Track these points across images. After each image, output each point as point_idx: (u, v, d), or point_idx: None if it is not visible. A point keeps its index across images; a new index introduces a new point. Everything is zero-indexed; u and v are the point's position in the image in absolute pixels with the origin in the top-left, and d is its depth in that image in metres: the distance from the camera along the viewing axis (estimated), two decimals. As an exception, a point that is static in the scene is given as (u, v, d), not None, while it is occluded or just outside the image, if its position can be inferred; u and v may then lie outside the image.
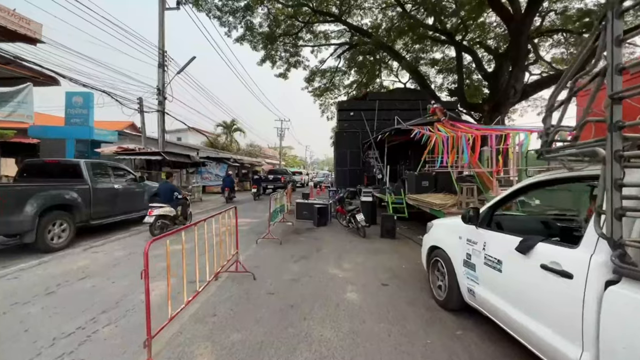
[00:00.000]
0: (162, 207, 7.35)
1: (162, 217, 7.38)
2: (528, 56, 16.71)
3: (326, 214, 9.39)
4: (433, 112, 9.90)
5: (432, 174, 8.02)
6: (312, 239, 7.59)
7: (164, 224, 7.43)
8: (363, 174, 13.38)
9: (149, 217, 7.14)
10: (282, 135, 40.18)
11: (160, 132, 14.14)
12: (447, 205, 6.45)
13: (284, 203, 8.90)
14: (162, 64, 13.86)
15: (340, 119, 13.95)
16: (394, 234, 7.67)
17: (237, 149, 30.52)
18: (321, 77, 26.58)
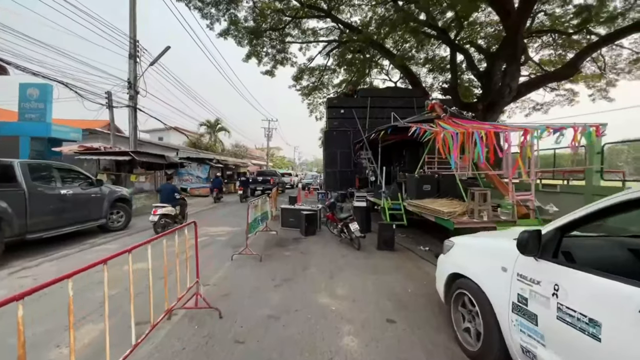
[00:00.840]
0: (164, 207, 8.04)
1: (165, 216, 8.03)
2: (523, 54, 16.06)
3: (315, 221, 8.29)
4: (431, 109, 8.95)
5: (435, 176, 7.05)
6: (298, 252, 6.46)
7: (167, 222, 8.10)
8: (354, 176, 12.35)
9: (153, 216, 7.81)
10: (270, 136, 38.81)
11: (131, 129, 12.71)
12: (456, 214, 5.45)
13: (267, 210, 7.76)
14: (133, 55, 12.45)
15: (330, 117, 12.90)
16: (392, 245, 6.64)
17: (221, 149, 29.02)
18: (309, 75, 25.53)
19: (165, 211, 8.00)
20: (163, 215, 7.96)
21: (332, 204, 7.71)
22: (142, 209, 11.70)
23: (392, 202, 7.81)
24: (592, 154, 7.84)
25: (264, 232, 7.97)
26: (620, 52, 18.69)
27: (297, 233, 8.32)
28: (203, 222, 9.98)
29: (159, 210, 7.89)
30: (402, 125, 8.02)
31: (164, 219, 8.00)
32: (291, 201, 12.36)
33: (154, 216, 7.80)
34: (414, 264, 5.78)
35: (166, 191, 8.61)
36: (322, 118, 28.28)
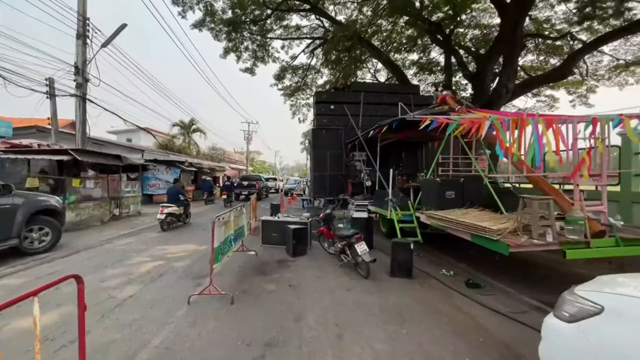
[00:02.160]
0: (170, 207, 8.84)
1: (171, 214, 8.78)
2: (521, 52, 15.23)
3: (305, 237, 6.49)
4: (442, 101, 7.50)
5: (460, 180, 5.50)
6: (286, 285, 4.62)
7: (172, 220, 8.93)
8: (347, 180, 10.69)
9: (160, 215, 8.57)
10: (250, 139, 36.56)
11: (79, 124, 10.36)
12: (506, 231, 3.86)
13: (244, 224, 5.88)
14: (82, 34, 10.18)
15: (319, 113, 11.20)
16: (410, 271, 4.97)
17: (196, 151, 26.49)
18: (292, 74, 23.85)
19: (171, 210, 8.88)
20: (169, 214, 8.82)
21: (327, 215, 5.95)
22: (89, 220, 9.38)
23: (402, 214, 6.17)
24: (629, 154, 6.65)
25: (240, 253, 6.07)
26: (601, 59, 18.55)
27: (282, 252, 6.48)
28: (163, 238, 7.88)
29: (165, 210, 8.75)
30: (411, 119, 6.44)
31: (169, 217, 8.86)
32: (273, 210, 10.47)
33: (161, 215, 8.63)
34: (447, 301, 4.13)
35: (172, 193, 9.61)
36: (305, 120, 26.62)
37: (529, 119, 3.85)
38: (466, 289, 4.62)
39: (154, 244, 7.30)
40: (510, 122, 3.87)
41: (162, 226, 8.64)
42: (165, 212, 8.69)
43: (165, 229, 8.66)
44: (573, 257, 3.68)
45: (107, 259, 5.90)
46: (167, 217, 8.71)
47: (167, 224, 8.70)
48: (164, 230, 8.68)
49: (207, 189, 16.97)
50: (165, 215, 8.65)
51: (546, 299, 4.13)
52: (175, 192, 9.62)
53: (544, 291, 4.45)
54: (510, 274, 5.13)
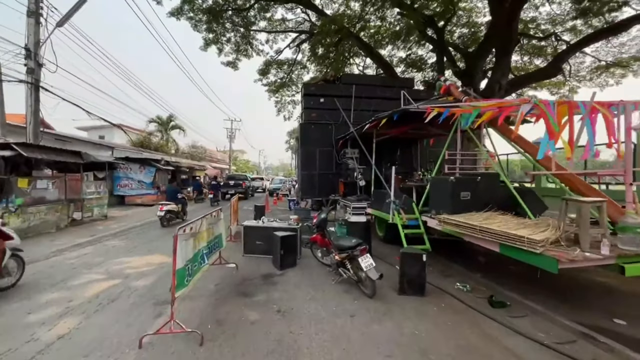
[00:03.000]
0: (169, 204, 9.41)
1: (170, 212, 9.31)
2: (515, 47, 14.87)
3: (295, 246, 5.52)
4: (445, 92, 6.74)
5: (477, 179, 4.72)
6: (273, 312, 3.65)
7: (171, 216, 9.40)
8: (338, 179, 9.79)
9: (160, 212, 9.11)
10: (233, 137, 34.95)
11: (29, 115, 8.89)
12: (545, 241, 3.07)
13: (221, 232, 4.85)
14: (35, 11, 8.72)
15: (307, 107, 10.23)
16: (423, 288, 4.12)
17: (175, 149, 24.80)
18: (277, 69, 22.73)
19: (170, 208, 9.28)
20: (168, 211, 9.18)
21: (322, 221, 5.00)
22: (40, 227, 7.98)
23: (407, 218, 5.33)
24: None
25: (217, 267, 5.03)
26: (583, 60, 18.66)
27: (267, 264, 5.48)
28: (127, 247, 6.67)
29: (164, 207, 9.15)
30: (415, 110, 5.63)
31: (169, 214, 9.21)
32: (257, 212, 9.43)
33: (161, 212, 9.04)
34: (474, 327, 3.31)
35: (170, 191, 10.13)
36: (290, 117, 25.55)
37: (578, 104, 3.08)
38: (491, 308, 3.83)
39: (113, 255, 6.10)
40: (556, 106, 3.10)
41: (162, 222, 9.15)
42: (165, 210, 9.12)
43: (165, 225, 9.13)
44: (633, 273, 2.94)
45: (48, 278, 4.70)
46: (166, 214, 9.13)
47: (166, 221, 9.16)
48: (164, 226, 9.13)
49: (196, 188, 17.58)
50: (164, 212, 9.08)
51: (590, 322, 3.39)
52: (174, 191, 10.17)
53: (583, 310, 3.72)
54: (535, 287, 4.40)
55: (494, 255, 3.81)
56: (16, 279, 4.22)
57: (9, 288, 4.06)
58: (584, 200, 3.06)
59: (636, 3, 11.61)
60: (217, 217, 4.85)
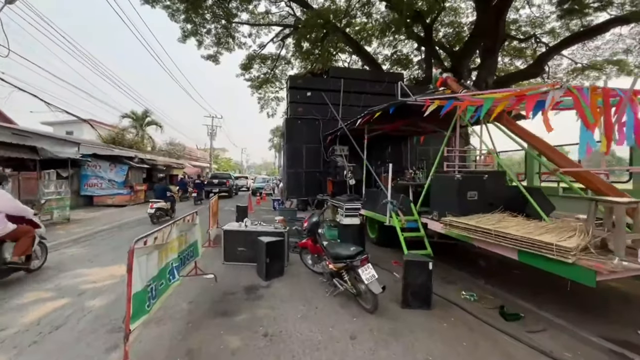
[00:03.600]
0: (159, 202, 9.55)
1: (159, 209, 9.44)
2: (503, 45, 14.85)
3: (282, 253, 4.89)
4: (442, 84, 6.34)
5: (484, 177, 4.29)
6: (258, 337, 3.03)
7: (161, 214, 9.50)
8: (326, 178, 9.23)
9: (150, 210, 9.27)
10: (213, 134, 33.56)
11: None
12: (576, 248, 2.66)
13: (195, 239, 4.16)
14: (-22, -14, 7.55)
15: (293, 101, 9.58)
16: (429, 299, 3.65)
17: (151, 147, 23.32)
18: (261, 64, 21.85)
19: (160, 205, 9.40)
20: (158, 208, 9.31)
21: (313, 225, 4.41)
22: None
23: (406, 219, 4.85)
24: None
25: (193, 279, 4.33)
26: (560, 62, 19.16)
27: (251, 273, 4.84)
28: (89, 255, 5.79)
29: (154, 205, 9.29)
30: (413, 103, 5.16)
31: (159, 212, 9.34)
32: (240, 213, 8.70)
33: (151, 209, 9.18)
34: (493, 347, 2.86)
35: (160, 190, 10.21)
36: (274, 115, 24.73)
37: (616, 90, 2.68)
38: (504, 321, 3.41)
39: (70, 265, 5.24)
40: (590, 93, 2.68)
41: (152, 220, 9.23)
42: (155, 207, 9.28)
43: (154, 222, 9.14)
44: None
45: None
46: (156, 211, 9.27)
47: (156, 218, 9.25)
48: (154, 223, 9.11)
49: (181, 187, 17.56)
50: (154, 209, 9.24)
51: (615, 336, 3.02)
52: (163, 189, 10.33)
53: (605, 322, 3.36)
54: (546, 294, 4.03)
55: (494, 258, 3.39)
56: (42, 263, 4.97)
57: (37, 269, 4.82)
58: (619, 201, 2.67)
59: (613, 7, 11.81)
60: (192, 222, 4.15)
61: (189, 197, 17.49)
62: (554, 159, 3.97)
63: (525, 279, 4.71)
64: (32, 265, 4.66)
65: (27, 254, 4.41)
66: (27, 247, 4.36)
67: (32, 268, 4.64)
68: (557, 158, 3.94)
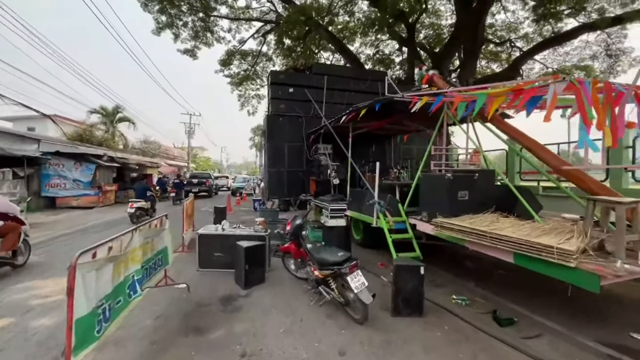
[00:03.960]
0: (139, 202, 9.46)
1: (140, 209, 9.33)
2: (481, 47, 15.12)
3: (262, 258, 4.51)
4: (428, 82, 6.19)
5: (475, 176, 4.13)
6: (235, 357, 2.66)
7: (141, 213, 9.36)
8: (309, 177, 8.90)
9: (130, 209, 9.13)
10: (191, 132, 32.26)
11: None
12: (577, 251, 2.50)
13: (165, 246, 3.71)
14: None
15: (275, 97, 9.16)
16: (421, 305, 3.42)
17: (123, 144, 21.97)
18: (241, 60, 21.15)
19: (140, 205, 9.35)
20: (138, 208, 9.24)
21: (297, 228, 4.07)
22: None
23: (394, 220, 4.62)
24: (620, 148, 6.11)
25: (162, 290, 3.87)
26: (533, 67, 19.93)
27: (228, 280, 4.43)
28: (41, 267, 5.12)
29: (135, 204, 9.23)
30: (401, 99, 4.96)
31: (139, 211, 9.25)
32: (218, 215, 8.19)
33: (131, 209, 9.13)
34: (492, 357, 2.65)
35: (140, 189, 10.21)
36: (255, 113, 24.08)
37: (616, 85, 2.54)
38: (499, 327, 3.24)
39: (21, 277, 4.59)
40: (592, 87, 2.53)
41: (131, 219, 9.08)
42: (135, 207, 9.18)
43: (134, 222, 8.86)
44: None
45: None
46: (136, 211, 9.17)
47: (136, 217, 9.11)
48: (134, 222, 8.86)
49: (161, 186, 17.28)
50: (134, 209, 9.13)
51: (614, 340, 2.92)
52: (144, 188, 10.30)
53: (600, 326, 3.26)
54: (536, 296, 3.93)
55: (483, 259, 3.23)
56: (25, 259, 5.01)
57: (21, 266, 4.88)
58: (620, 201, 2.55)
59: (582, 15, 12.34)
60: (160, 226, 3.69)
61: (168, 197, 16.95)
62: (545, 157, 3.87)
63: (514, 280, 4.62)
64: (18, 260, 4.77)
65: (13, 249, 4.59)
66: (14, 243, 4.50)
67: (17, 263, 4.76)
68: (549, 157, 3.85)
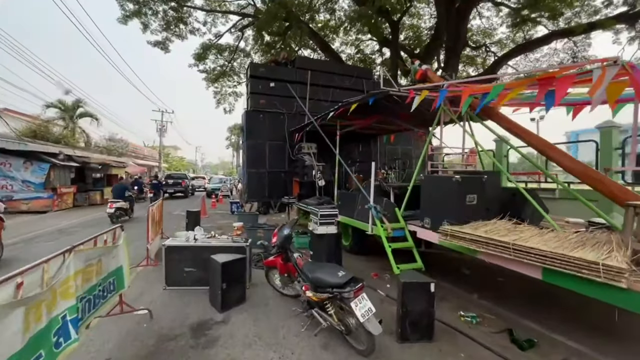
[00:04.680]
0: (118, 202, 9.46)
1: (119, 209, 9.40)
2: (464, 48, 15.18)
3: (242, 275, 3.81)
4: (422, 77, 5.79)
5: (483, 179, 3.70)
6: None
7: (121, 213, 9.46)
8: (292, 178, 8.26)
9: (109, 209, 9.16)
10: (164, 130, 30.31)
11: None
12: (630, 268, 2.09)
13: (120, 265, 2.94)
14: None
15: (254, 92, 8.40)
16: (431, 329, 2.93)
17: (86, 142, 19.99)
18: (217, 55, 19.99)
19: (120, 205, 9.44)
20: (118, 208, 9.35)
21: (285, 239, 3.42)
22: None
23: (392, 227, 4.12)
24: (609, 150, 6.05)
25: (117, 319, 3.08)
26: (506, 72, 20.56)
27: (201, 302, 3.71)
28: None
29: (114, 205, 9.30)
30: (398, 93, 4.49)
31: (118, 211, 9.38)
32: (191, 220, 7.34)
33: (110, 209, 9.18)
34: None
35: (119, 189, 10.11)
36: (232, 111, 22.95)
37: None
38: (520, 351, 2.82)
39: None
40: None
41: (111, 219, 9.11)
42: (115, 207, 9.23)
43: (114, 222, 8.87)
44: None
45: None
46: (116, 211, 9.24)
47: (116, 217, 9.17)
48: (113, 222, 8.84)
49: (138, 187, 16.75)
50: (114, 209, 9.19)
51: None
52: (122, 188, 10.19)
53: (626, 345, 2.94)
54: (548, 311, 3.58)
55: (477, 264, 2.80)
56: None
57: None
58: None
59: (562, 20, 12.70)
60: (114, 242, 2.92)
61: (145, 198, 16.52)
62: (556, 157, 3.53)
63: (516, 288, 4.30)
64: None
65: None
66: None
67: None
68: (560, 157, 3.51)
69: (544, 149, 3.68)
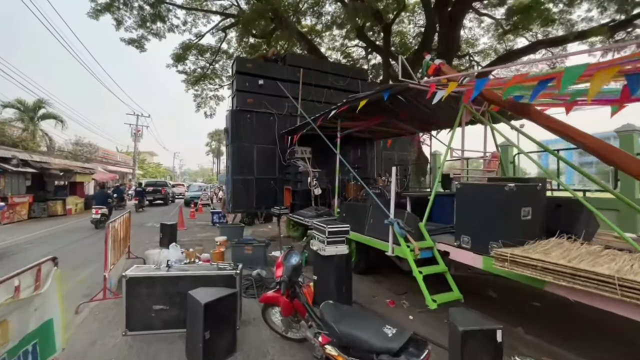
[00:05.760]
0: (102, 208, 9.75)
1: (103, 214, 9.64)
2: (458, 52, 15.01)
3: (231, 317, 2.83)
4: (435, 72, 5.14)
5: (537, 187, 2.97)
6: None
7: (105, 219, 9.18)
8: (283, 186, 7.32)
9: (95, 215, 9.58)
10: (139, 135, 28.28)
11: None
12: None
13: (49, 318, 1.93)
14: None
15: (241, 90, 7.43)
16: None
17: (48, 146, 17.94)
18: (198, 55, 18.81)
19: (103, 211, 9.74)
20: (102, 214, 9.63)
21: (293, 271, 2.49)
22: None
23: (420, 246, 3.32)
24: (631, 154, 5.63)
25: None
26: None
27: (175, 353, 2.70)
28: None
29: (99, 211, 9.64)
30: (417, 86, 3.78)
31: (103, 217, 9.54)
32: (166, 234, 6.22)
33: (96, 215, 9.57)
34: None
35: (101, 196, 10.34)
36: (213, 115, 21.68)
37: None
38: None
39: None
40: None
41: (96, 225, 9.39)
42: (100, 213, 9.49)
43: (98, 227, 9.24)
44: None
45: None
46: (101, 216, 9.44)
47: (100, 223, 9.21)
48: (97, 228, 9.24)
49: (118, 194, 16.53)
50: (100, 215, 9.47)
51: None
52: (105, 195, 10.40)
53: None
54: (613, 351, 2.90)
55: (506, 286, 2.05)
56: None
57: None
58: None
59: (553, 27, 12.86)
60: (37, 286, 1.89)
61: (124, 206, 16.13)
62: (619, 161, 2.90)
63: (557, 316, 3.63)
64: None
65: None
66: None
67: None
68: (623, 158, 2.89)
69: (600, 150, 3.05)
